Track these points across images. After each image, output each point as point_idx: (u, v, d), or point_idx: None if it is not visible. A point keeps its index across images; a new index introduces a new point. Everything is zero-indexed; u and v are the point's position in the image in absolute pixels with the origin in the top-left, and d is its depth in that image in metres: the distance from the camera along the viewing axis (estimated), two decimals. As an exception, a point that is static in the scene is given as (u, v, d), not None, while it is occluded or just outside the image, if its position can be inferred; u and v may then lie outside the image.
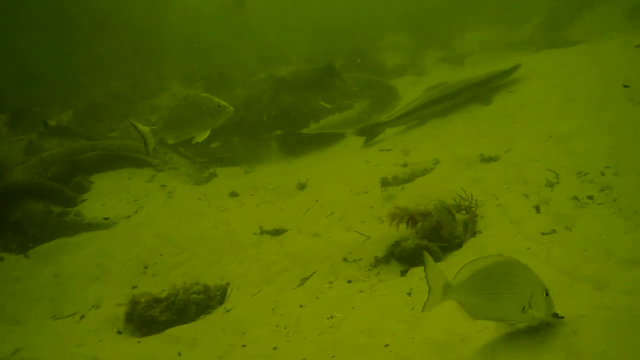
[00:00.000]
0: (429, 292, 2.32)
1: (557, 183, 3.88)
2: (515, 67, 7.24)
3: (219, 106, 3.12)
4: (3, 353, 3.50)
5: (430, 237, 3.68)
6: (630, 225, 3.09)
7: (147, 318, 3.72)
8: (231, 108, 3.18)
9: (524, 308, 2.25)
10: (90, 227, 5.68)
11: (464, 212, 3.90)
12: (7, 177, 6.45)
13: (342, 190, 5.48)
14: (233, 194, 6.38)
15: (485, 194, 4.13)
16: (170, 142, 3.23)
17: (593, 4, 11.83)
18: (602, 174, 3.76)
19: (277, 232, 4.98)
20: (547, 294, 2.25)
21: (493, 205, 3.93)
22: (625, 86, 4.54)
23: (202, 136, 3.14)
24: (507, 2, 15.04)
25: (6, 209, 5.73)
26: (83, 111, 11.13)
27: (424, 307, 2.35)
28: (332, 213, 4.96)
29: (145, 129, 3.15)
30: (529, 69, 7.22)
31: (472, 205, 3.89)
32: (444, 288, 2.32)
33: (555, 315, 2.31)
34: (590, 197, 3.53)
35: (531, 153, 4.60)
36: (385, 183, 5.07)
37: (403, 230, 3.81)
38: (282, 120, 8.09)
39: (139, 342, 3.55)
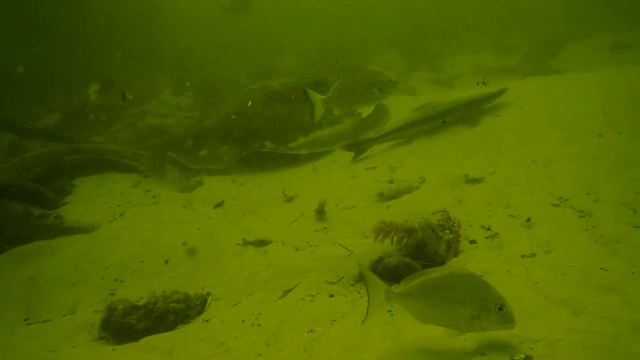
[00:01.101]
0: (368, 301, 2.44)
1: (539, 207, 3.96)
2: (502, 91, 7.41)
3: (390, 80, 3.14)
4: (-28, 356, 3.40)
5: (414, 254, 3.70)
6: (607, 252, 3.16)
7: (124, 325, 3.64)
8: None
9: (472, 318, 2.33)
10: (71, 230, 5.57)
11: (447, 231, 3.95)
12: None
13: (328, 205, 5.49)
14: (218, 204, 6.35)
15: (469, 214, 4.19)
16: (337, 112, 3.26)
17: (579, 37, 12.26)
18: (582, 200, 3.85)
19: (261, 243, 4.96)
20: (501, 309, 2.32)
21: (476, 226, 3.98)
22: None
23: (367, 110, 3.18)
24: (496, 30, 15.51)
25: (-16, 208, 5.61)
26: (70, 114, 11.02)
27: (365, 316, 2.49)
28: (316, 226, 4.97)
29: (316, 97, 3.18)
30: (515, 94, 7.39)
31: (456, 225, 3.94)
32: (386, 293, 2.46)
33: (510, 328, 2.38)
34: (570, 223, 3.61)
35: (515, 176, 4.70)
36: (370, 199, 5.11)
37: (387, 245, 3.83)
38: (272, 131, 8.12)
39: (114, 349, 3.47)
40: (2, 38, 14.40)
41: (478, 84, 4.36)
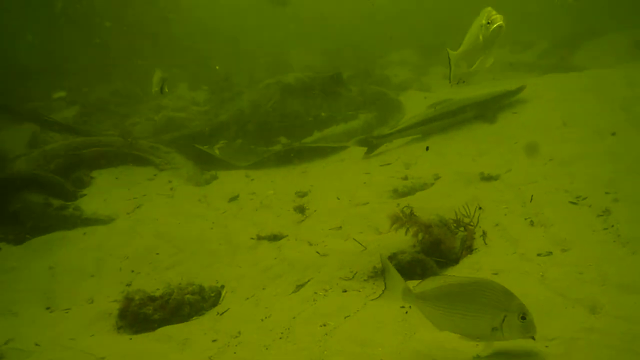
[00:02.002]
0: (384, 291, 2.43)
1: (556, 205, 3.91)
2: (520, 89, 7.31)
3: (488, 21, 3.12)
4: (-5, 342, 3.50)
5: (429, 250, 3.69)
6: (627, 251, 3.11)
7: (140, 316, 3.71)
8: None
9: (493, 329, 2.25)
10: (89, 222, 5.68)
11: (462, 228, 3.92)
12: (9, 168, 6.48)
13: (342, 200, 5.50)
14: (233, 198, 6.40)
15: (484, 212, 4.16)
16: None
17: (598, 33, 12.00)
18: (601, 199, 3.79)
19: (274, 238, 4.99)
20: (524, 318, 2.24)
21: (491, 224, 3.95)
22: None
23: (489, 61, 3.18)
24: (515, 26, 15.28)
25: (6, 199, 5.74)
26: (89, 107, 11.20)
27: (378, 297, 2.48)
28: (330, 222, 4.98)
29: (452, 52, 3.21)
30: (533, 91, 7.29)
31: (471, 222, 3.91)
32: (404, 291, 2.42)
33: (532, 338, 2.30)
34: (588, 221, 3.55)
35: (531, 174, 4.64)
36: (384, 195, 5.10)
37: (401, 241, 3.82)
38: (286, 126, 8.15)
39: (130, 339, 3.54)
40: (23, 33, 14.66)
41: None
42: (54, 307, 4.16)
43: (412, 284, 3.43)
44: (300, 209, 5.42)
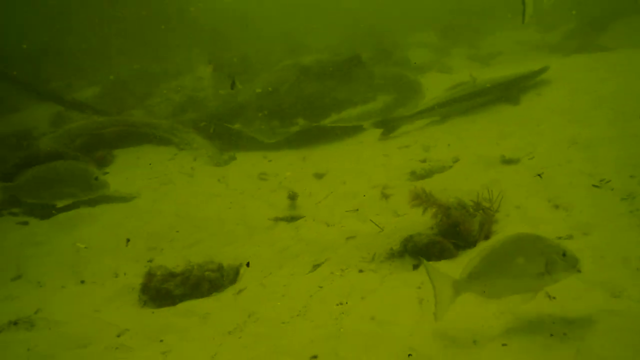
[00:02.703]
0: (436, 295, 2.35)
1: (578, 188, 3.84)
2: (543, 69, 7.12)
3: None
4: (25, 312, 3.65)
5: (447, 233, 3.68)
6: (651, 235, 3.05)
7: (162, 291, 3.82)
8: None
9: (540, 275, 2.28)
10: (112, 199, 5.81)
11: (481, 211, 3.89)
12: (35, 145, 6.65)
13: (359, 182, 5.50)
14: (251, 178, 6.45)
15: (504, 195, 4.11)
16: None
17: (628, 13, 11.52)
18: (626, 183, 3.70)
19: (292, 219, 5.04)
20: (565, 254, 2.28)
21: (511, 207, 3.91)
22: None
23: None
24: (539, 6, 14.76)
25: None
26: (109, 87, 11.33)
27: (435, 313, 2.39)
28: (348, 203, 4.99)
29: None
30: (558, 72, 7.09)
31: (490, 206, 3.88)
32: (454, 285, 2.37)
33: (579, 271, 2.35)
34: (611, 205, 3.49)
35: (554, 157, 4.55)
36: (402, 178, 5.08)
37: (419, 219, 3.81)
38: (303, 108, 8.12)
39: (153, 312, 3.66)
40: (43, 14, 14.81)
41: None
42: (80, 280, 4.30)
43: (431, 264, 3.46)
44: (319, 189, 5.43)
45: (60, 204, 3.24)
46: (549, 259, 2.27)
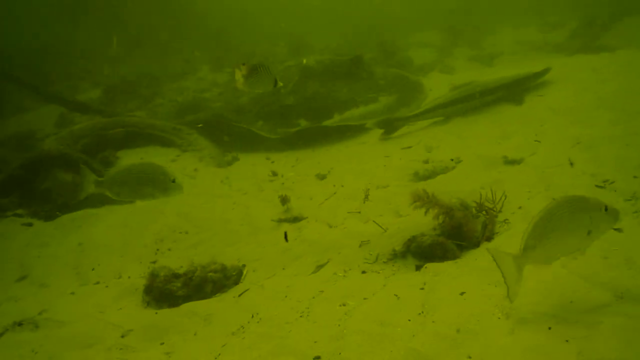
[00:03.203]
0: (505, 277, 2.43)
1: (581, 189, 3.83)
2: (545, 71, 7.11)
3: None
4: (30, 312, 3.67)
5: (451, 233, 3.68)
6: (654, 236, 3.04)
7: (165, 291, 3.83)
8: None
9: (589, 232, 2.37)
10: (115, 200, 5.82)
11: (484, 212, 3.89)
12: (39, 147, 6.69)
13: (362, 183, 5.50)
14: (254, 179, 6.47)
15: (506, 196, 4.11)
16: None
17: (631, 13, 11.49)
18: (629, 183, 3.70)
19: (295, 220, 5.05)
20: (607, 209, 2.37)
21: (514, 208, 3.91)
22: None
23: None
24: (543, 4, 14.74)
25: (37, 177, 5.94)
26: (113, 89, 11.38)
27: (509, 295, 2.44)
28: (350, 204, 5.00)
29: None
30: (560, 72, 7.08)
31: (493, 206, 3.88)
32: (515, 261, 2.42)
33: (618, 230, 2.49)
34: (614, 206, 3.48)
35: (557, 158, 4.55)
36: (405, 179, 5.08)
37: (422, 220, 3.81)
38: (306, 108, 8.13)
39: (156, 313, 3.67)
40: (47, 15, 14.88)
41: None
42: (84, 281, 4.32)
43: (433, 266, 3.47)
44: (319, 192, 5.44)
45: (139, 202, 3.43)
46: (592, 216, 2.36)
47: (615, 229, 2.43)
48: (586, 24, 11.94)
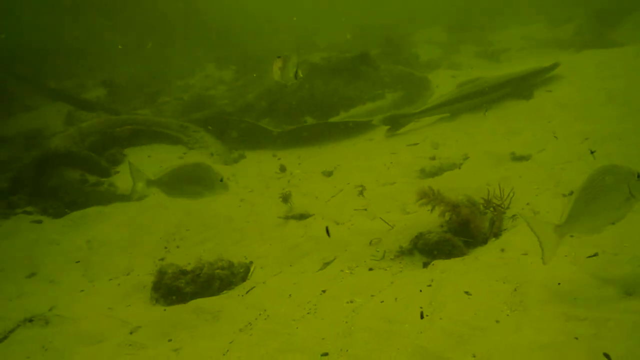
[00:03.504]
0: (541, 243, 2.47)
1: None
2: (554, 66, 7.06)
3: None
4: (40, 309, 3.71)
5: (458, 230, 3.67)
6: (664, 233, 3.01)
7: (173, 288, 3.85)
8: None
9: (628, 198, 2.44)
10: (123, 198, 5.87)
11: (492, 209, 3.88)
12: (47, 144, 6.73)
13: (368, 180, 5.50)
14: (260, 176, 6.47)
15: (514, 192, 4.08)
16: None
17: (637, 8, 11.36)
18: None
19: (301, 217, 5.05)
20: (638, 176, 2.42)
21: (522, 204, 3.89)
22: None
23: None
24: (549, 1, 14.62)
25: (45, 175, 5.99)
26: (118, 87, 11.43)
27: (543, 258, 2.49)
28: (356, 201, 4.99)
29: None
30: (569, 68, 7.03)
31: (500, 203, 3.86)
32: (556, 231, 2.48)
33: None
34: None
35: (565, 154, 4.52)
36: (411, 175, 5.07)
37: (428, 220, 3.81)
38: (312, 106, 8.13)
39: (164, 310, 3.69)
40: (52, 14, 14.93)
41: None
42: (93, 278, 4.36)
43: (440, 262, 3.46)
44: (326, 187, 5.43)
45: (189, 199, 3.51)
46: (630, 184, 2.41)
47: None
48: (594, 20, 11.82)
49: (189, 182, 3.52)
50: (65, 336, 3.36)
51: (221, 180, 3.53)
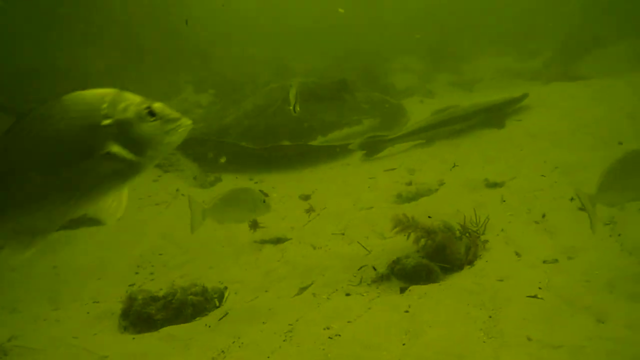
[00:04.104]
0: (588, 212, 2.64)
1: (562, 212, 3.90)
2: (523, 96, 7.33)
3: None
4: (-1, 338, 3.50)
5: (433, 256, 3.68)
6: (633, 260, 3.10)
7: (143, 315, 3.70)
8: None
9: None
10: (93, 221, 5.68)
11: (467, 235, 3.92)
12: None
13: (346, 204, 5.50)
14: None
15: (488, 219, 4.15)
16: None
17: (605, 43, 12.02)
18: (608, 208, 3.78)
19: (278, 241, 4.99)
20: None
21: (496, 230, 3.95)
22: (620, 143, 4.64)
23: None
24: (520, 34, 15.32)
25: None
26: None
27: (592, 227, 2.64)
28: (334, 226, 4.98)
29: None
30: (539, 99, 7.31)
31: (476, 229, 3.91)
32: (591, 200, 2.64)
33: None
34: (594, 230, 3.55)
35: (537, 182, 4.64)
36: (389, 200, 5.10)
37: (406, 245, 3.81)
38: (290, 130, 8.16)
39: (133, 338, 3.54)
40: (26, 37, 14.69)
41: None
42: (58, 305, 4.15)
43: (418, 288, 3.45)
44: (305, 212, 5.42)
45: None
46: None
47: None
48: (560, 54, 12.42)
49: (236, 207, 3.57)
50: (25, 368, 3.17)
51: (264, 202, 3.58)
